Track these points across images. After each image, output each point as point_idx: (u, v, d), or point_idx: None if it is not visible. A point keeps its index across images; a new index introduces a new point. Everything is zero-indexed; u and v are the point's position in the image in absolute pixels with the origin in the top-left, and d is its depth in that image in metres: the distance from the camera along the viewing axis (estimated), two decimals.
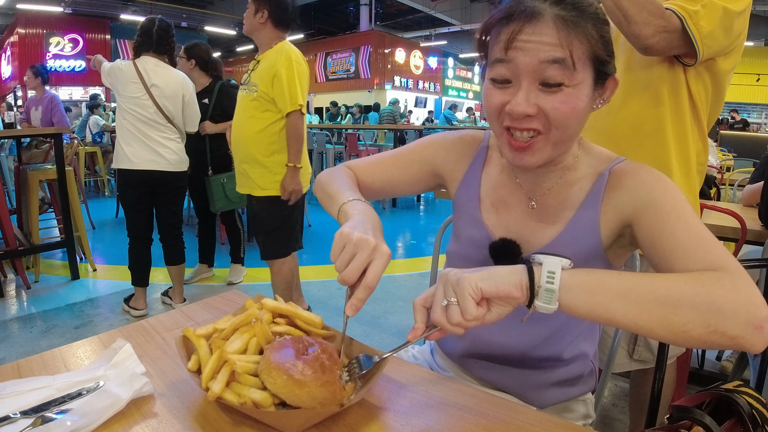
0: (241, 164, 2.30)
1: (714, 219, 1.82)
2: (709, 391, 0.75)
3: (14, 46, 12.99)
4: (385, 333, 2.58)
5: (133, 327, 0.88)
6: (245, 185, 2.31)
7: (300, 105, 2.15)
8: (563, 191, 0.78)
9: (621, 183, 0.73)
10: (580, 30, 0.65)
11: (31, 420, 0.58)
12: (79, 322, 2.66)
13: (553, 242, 0.76)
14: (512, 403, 0.65)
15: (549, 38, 0.64)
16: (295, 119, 2.16)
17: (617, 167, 0.75)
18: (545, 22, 0.64)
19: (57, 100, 4.61)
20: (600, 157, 0.79)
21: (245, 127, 2.23)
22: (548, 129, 0.68)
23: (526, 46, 0.65)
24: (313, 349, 0.63)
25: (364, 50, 17.13)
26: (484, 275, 0.58)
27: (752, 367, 1.52)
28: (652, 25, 1.05)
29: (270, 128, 2.19)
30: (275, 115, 2.18)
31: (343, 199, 0.77)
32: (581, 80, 0.66)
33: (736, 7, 1.07)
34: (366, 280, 0.61)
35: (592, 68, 0.68)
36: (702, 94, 1.18)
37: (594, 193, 0.75)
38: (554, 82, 0.65)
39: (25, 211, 3.29)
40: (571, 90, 0.66)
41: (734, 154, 5.15)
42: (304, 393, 0.57)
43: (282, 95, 2.12)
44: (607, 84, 0.71)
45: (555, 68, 0.64)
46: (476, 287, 0.57)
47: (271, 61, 2.15)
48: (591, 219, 0.74)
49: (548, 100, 0.66)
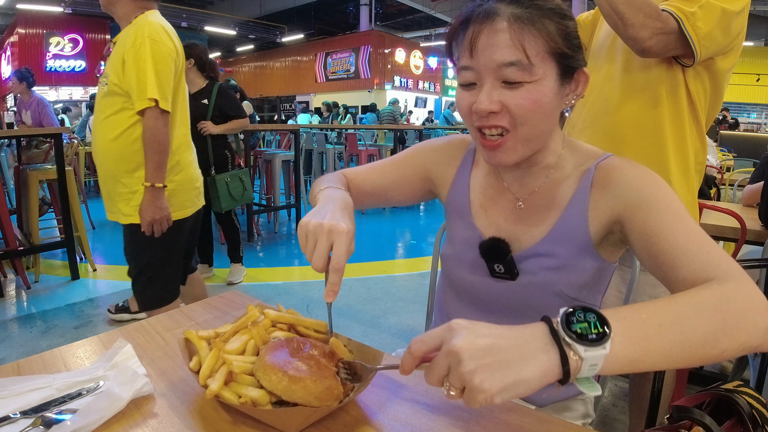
0: (102, 185, 1.72)
1: (714, 219, 1.82)
2: (709, 391, 0.75)
3: (14, 46, 12.98)
4: (385, 333, 2.58)
5: (134, 327, 0.88)
6: (111, 210, 1.73)
7: (155, 99, 1.54)
8: (550, 191, 0.78)
9: (609, 179, 0.73)
10: (536, 27, 0.66)
11: (31, 420, 0.58)
12: (79, 322, 2.66)
13: (542, 241, 0.77)
14: (512, 403, 0.65)
15: (503, 40, 0.65)
16: (150, 119, 1.56)
17: (603, 163, 0.75)
18: (500, 22, 0.66)
19: (44, 102, 4.62)
20: (586, 154, 0.79)
21: (99, 134, 1.65)
22: (515, 126, 0.69)
23: (483, 49, 0.66)
24: (308, 347, 0.63)
25: (364, 50, 17.12)
26: (502, 384, 0.45)
27: (752, 367, 1.52)
28: (649, 28, 1.05)
29: (128, 133, 1.60)
30: (134, 114, 1.59)
31: (316, 192, 0.78)
32: (542, 75, 0.67)
33: (734, 7, 1.07)
34: (332, 264, 0.62)
35: (554, 63, 0.68)
36: (701, 94, 1.18)
37: (581, 191, 0.75)
38: (514, 81, 0.66)
39: (25, 211, 3.29)
40: (532, 86, 0.67)
41: (734, 154, 5.16)
42: (299, 388, 0.57)
43: (130, 86, 1.56)
44: (577, 77, 0.72)
45: (512, 69, 0.66)
46: (490, 400, 0.46)
47: (123, 40, 1.60)
48: (579, 216, 0.74)
49: (511, 96, 0.67)
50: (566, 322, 0.47)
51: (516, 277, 0.78)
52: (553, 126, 0.73)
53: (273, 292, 3.17)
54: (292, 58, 20.06)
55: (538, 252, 0.77)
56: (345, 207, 0.70)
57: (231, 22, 16.35)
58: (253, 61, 22.03)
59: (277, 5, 16.81)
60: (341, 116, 11.10)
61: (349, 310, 2.89)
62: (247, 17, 16.97)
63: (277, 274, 3.53)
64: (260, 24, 17.49)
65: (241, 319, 0.71)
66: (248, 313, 0.72)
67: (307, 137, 6.58)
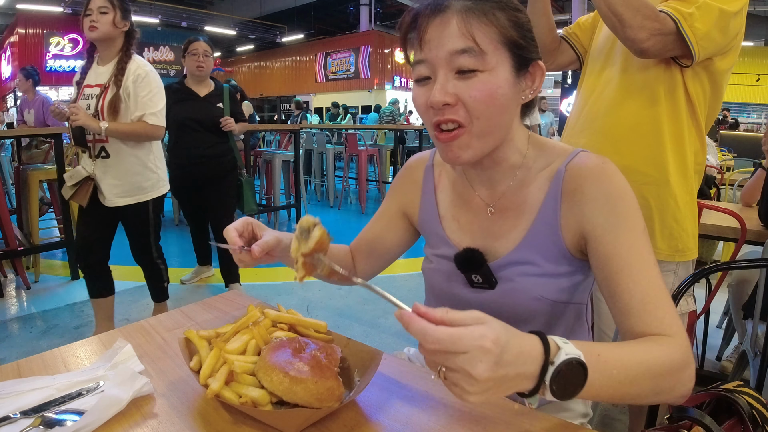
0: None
1: (714, 219, 1.82)
2: (709, 391, 0.75)
3: (14, 46, 12.99)
4: (385, 333, 2.58)
5: (133, 327, 0.88)
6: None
7: None
8: (520, 193, 0.76)
9: (580, 190, 0.71)
10: (486, 17, 0.66)
11: (31, 420, 0.58)
12: (79, 322, 2.66)
13: (517, 248, 0.75)
14: (511, 402, 0.65)
15: (453, 30, 0.65)
16: None
17: (573, 163, 0.73)
18: (449, 15, 0.66)
19: (49, 101, 4.61)
20: (554, 152, 0.76)
21: None
22: (469, 120, 0.67)
23: (434, 40, 0.66)
24: (310, 348, 0.63)
25: (364, 50, 17.13)
26: (486, 398, 0.48)
27: (752, 367, 1.52)
28: (647, 29, 1.05)
29: None
30: None
31: None
32: (495, 65, 0.66)
33: (731, 7, 1.07)
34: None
35: (508, 53, 0.68)
36: (700, 94, 1.18)
37: (551, 197, 0.73)
38: (468, 69, 0.65)
39: (25, 211, 3.29)
40: (486, 75, 0.66)
41: (734, 154, 5.16)
42: (300, 389, 0.57)
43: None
44: (532, 71, 0.71)
45: (464, 57, 0.65)
46: (467, 401, 0.49)
47: None
48: (551, 223, 0.73)
49: (465, 87, 0.66)
50: (555, 377, 0.50)
51: (495, 286, 0.76)
52: (509, 120, 0.72)
53: (273, 292, 3.17)
54: (292, 58, 20.07)
55: (514, 260, 0.75)
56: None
57: (231, 22, 16.36)
58: (253, 61, 22.05)
59: (277, 5, 16.82)
60: (341, 116, 11.10)
61: (349, 310, 2.89)
62: (247, 17, 16.99)
63: (277, 274, 3.53)
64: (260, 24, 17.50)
65: (241, 319, 0.71)
66: (249, 313, 0.72)
67: (307, 137, 6.59)
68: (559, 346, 0.51)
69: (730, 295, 1.82)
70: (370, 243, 0.94)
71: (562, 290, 0.75)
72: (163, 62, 15.26)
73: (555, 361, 0.50)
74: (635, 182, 1.22)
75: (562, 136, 1.40)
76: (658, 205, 1.21)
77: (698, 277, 0.99)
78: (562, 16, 14.38)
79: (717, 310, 2.59)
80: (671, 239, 1.22)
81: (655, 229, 1.22)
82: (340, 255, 0.94)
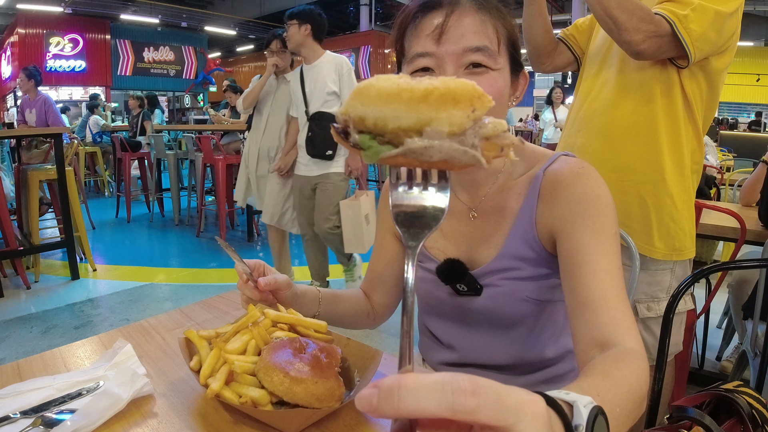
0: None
1: (714, 219, 1.82)
2: (709, 391, 0.75)
3: (14, 46, 12.98)
4: (385, 333, 2.58)
5: (133, 327, 0.88)
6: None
7: None
8: (500, 197, 0.76)
9: (555, 192, 0.70)
10: (498, 15, 0.66)
11: (31, 420, 0.58)
12: (79, 322, 2.66)
13: (499, 254, 0.75)
14: None
15: (471, 25, 0.65)
16: None
17: (551, 168, 0.73)
18: (465, 9, 0.65)
19: (50, 101, 4.60)
20: (533, 157, 0.76)
21: None
22: None
23: (451, 34, 0.65)
24: (310, 348, 0.63)
25: (364, 50, 17.13)
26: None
27: (752, 367, 1.52)
28: (642, 31, 1.06)
29: None
30: None
31: None
32: (503, 66, 0.67)
33: (727, 8, 1.07)
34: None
35: (508, 56, 0.68)
36: (696, 93, 1.19)
37: (529, 200, 0.73)
38: (480, 64, 0.65)
39: (25, 211, 3.29)
40: (495, 74, 0.66)
41: (734, 154, 5.15)
42: (301, 390, 0.57)
43: None
44: (520, 79, 0.72)
45: (478, 54, 0.65)
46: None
47: None
48: (528, 228, 0.73)
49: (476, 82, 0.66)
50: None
51: (480, 292, 0.76)
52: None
53: None
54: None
55: (496, 266, 0.75)
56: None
57: (231, 22, 16.35)
58: (253, 61, 22.02)
59: (277, 5, 16.79)
60: None
61: None
62: (247, 17, 16.96)
63: None
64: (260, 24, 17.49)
65: (241, 319, 0.70)
66: (249, 313, 0.72)
67: None
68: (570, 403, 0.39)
69: (730, 295, 1.82)
70: (379, 275, 0.93)
71: (548, 289, 0.75)
72: (163, 62, 15.28)
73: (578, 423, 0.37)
74: (632, 181, 1.23)
75: (560, 137, 1.41)
76: (655, 203, 1.21)
77: (698, 277, 0.99)
78: (562, 16, 14.35)
79: (717, 310, 2.59)
80: (668, 238, 1.22)
81: (653, 228, 1.22)
82: (353, 298, 0.92)
